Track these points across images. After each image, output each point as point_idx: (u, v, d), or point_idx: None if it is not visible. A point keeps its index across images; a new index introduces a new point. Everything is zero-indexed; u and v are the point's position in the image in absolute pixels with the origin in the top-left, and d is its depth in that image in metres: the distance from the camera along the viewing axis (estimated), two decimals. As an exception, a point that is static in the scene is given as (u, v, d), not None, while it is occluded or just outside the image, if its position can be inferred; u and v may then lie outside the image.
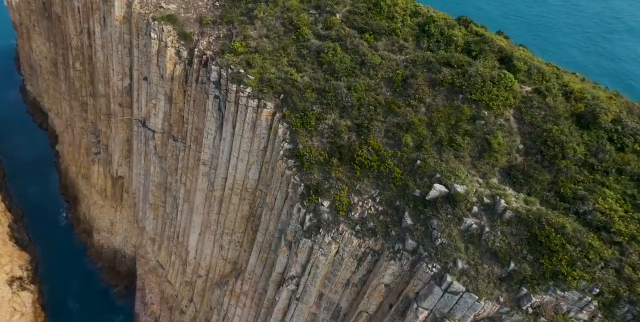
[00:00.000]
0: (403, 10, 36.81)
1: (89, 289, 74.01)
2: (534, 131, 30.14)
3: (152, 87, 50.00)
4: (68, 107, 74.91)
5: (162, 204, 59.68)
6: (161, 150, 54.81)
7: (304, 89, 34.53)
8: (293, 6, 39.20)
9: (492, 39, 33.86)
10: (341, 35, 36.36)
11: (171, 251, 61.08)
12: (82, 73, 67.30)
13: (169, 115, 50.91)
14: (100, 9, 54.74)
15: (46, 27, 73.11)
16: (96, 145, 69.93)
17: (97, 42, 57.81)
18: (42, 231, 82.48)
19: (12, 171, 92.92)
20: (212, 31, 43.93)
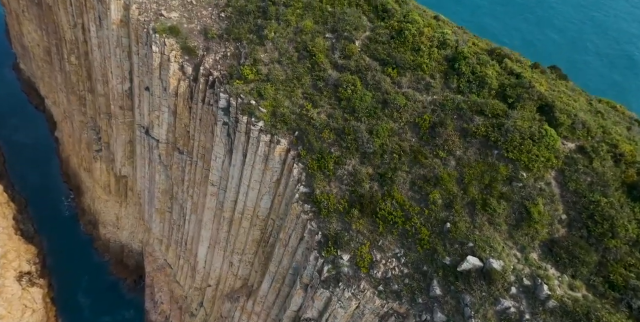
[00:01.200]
0: (429, 41, 33.64)
1: (98, 283, 74.41)
2: (579, 201, 27.91)
3: (155, 98, 47.43)
4: (65, 99, 72.08)
5: (169, 210, 58.55)
6: (166, 160, 52.97)
7: (320, 128, 32.32)
8: (307, 28, 36.01)
9: (530, 82, 30.98)
10: (361, 66, 33.53)
11: (179, 254, 60.64)
12: (79, 67, 64.04)
13: (174, 128, 48.67)
14: (95, 8, 51.03)
15: (37, 15, 68.89)
16: (97, 143, 67.82)
17: (93, 41, 54.48)
18: (47, 222, 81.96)
19: (12, 157, 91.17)
20: (219, 47, 40.84)
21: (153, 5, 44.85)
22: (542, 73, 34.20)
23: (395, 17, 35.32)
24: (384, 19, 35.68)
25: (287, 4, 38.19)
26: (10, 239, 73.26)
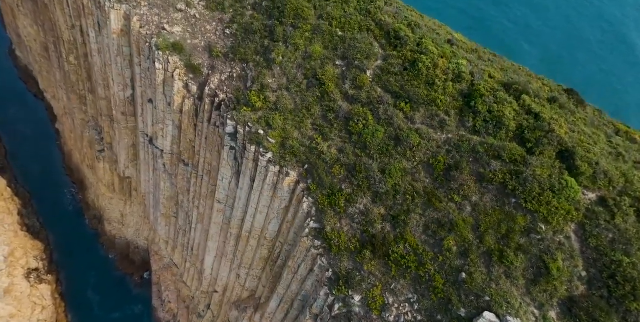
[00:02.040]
0: (444, 74, 32.49)
1: (106, 278, 75.39)
2: (600, 259, 27.49)
3: (159, 112, 46.55)
4: (65, 96, 70.86)
5: (174, 215, 58.58)
6: (171, 169, 52.54)
7: (331, 163, 31.77)
8: (316, 53, 34.78)
9: (549, 124, 30.00)
10: (372, 98, 32.58)
11: (185, 257, 61.12)
12: (78, 67, 62.61)
13: (178, 141, 47.99)
14: (93, 14, 49.30)
15: (32, 10, 66.70)
16: (99, 143, 67.12)
17: (93, 46, 52.97)
18: (51, 216, 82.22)
19: (14, 148, 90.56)
20: (224, 67, 39.66)
21: (155, 18, 43.29)
22: (562, 107, 33.09)
23: (408, 45, 34.02)
24: (396, 47, 34.36)
25: (295, 26, 36.81)
26: (17, 236, 73.73)
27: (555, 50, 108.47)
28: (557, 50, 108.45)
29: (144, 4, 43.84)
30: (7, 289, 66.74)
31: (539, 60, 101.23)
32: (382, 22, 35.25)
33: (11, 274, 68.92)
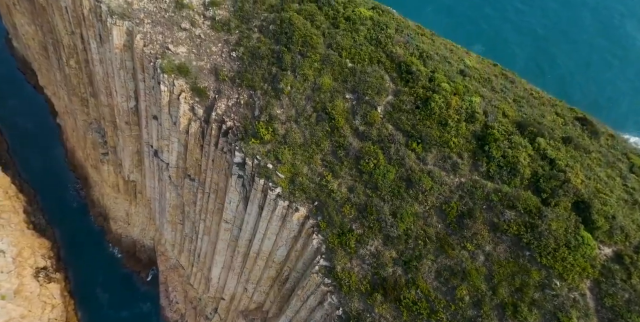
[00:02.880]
0: (457, 114, 31.89)
1: (114, 275, 76.57)
2: (616, 320, 27.44)
3: (164, 129, 46.08)
4: (66, 97, 69.89)
5: (180, 222, 58.92)
6: (176, 181, 52.44)
7: (341, 203, 31.72)
8: (325, 85, 34.08)
9: (565, 173, 29.58)
10: (383, 136, 32.15)
11: (192, 262, 61.84)
12: (79, 71, 61.49)
13: (184, 157, 47.67)
14: (94, 26, 48.01)
15: (29, 10, 64.87)
16: (103, 146, 66.73)
17: (94, 56, 51.93)
18: (57, 212, 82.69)
19: (15, 143, 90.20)
20: (231, 92, 38.95)
21: (159, 37, 42.22)
22: (576, 148, 32.53)
23: (420, 80, 33.28)
24: (407, 82, 33.61)
25: (303, 54, 35.90)
26: (24, 235, 74.37)
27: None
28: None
29: (147, 22, 42.67)
30: (17, 289, 67.82)
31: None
32: (393, 54, 34.35)
33: (20, 274, 69.89)
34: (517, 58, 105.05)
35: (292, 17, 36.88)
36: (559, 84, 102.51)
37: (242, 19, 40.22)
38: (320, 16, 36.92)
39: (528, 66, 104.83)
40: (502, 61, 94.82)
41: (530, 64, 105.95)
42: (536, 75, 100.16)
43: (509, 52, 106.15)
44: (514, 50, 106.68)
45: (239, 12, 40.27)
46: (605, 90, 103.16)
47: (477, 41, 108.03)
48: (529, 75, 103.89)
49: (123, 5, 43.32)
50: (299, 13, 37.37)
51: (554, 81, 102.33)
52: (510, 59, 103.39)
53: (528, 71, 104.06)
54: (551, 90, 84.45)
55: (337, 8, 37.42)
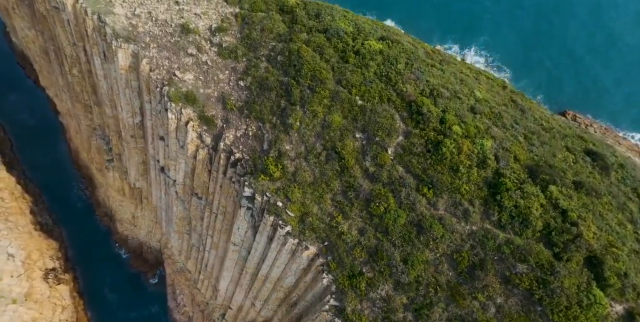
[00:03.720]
0: (468, 159, 31.79)
1: (121, 275, 77.82)
2: None
3: (171, 151, 46.08)
4: (69, 101, 69.39)
5: (187, 232, 59.54)
6: (183, 196, 52.73)
7: (352, 245, 32.10)
8: (335, 123, 33.91)
9: (578, 227, 29.64)
10: (394, 178, 32.20)
11: (199, 269, 62.80)
12: (82, 80, 60.88)
13: (191, 177, 47.76)
14: (98, 44, 47.30)
15: (29, 15, 63.60)
16: (108, 153, 66.67)
17: (98, 71, 51.34)
18: (63, 212, 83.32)
19: (19, 140, 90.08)
20: (239, 122, 38.79)
21: (165, 62, 41.70)
22: (588, 193, 32.49)
23: (431, 122, 33.05)
24: (418, 123, 33.41)
25: (312, 88, 35.56)
26: (32, 238, 75.28)
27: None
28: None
29: (153, 46, 42.05)
30: (28, 292, 69.19)
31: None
32: (403, 92, 34.04)
33: (30, 277, 71.13)
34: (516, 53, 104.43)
35: (301, 49, 36.34)
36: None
37: (249, 47, 39.63)
38: (329, 49, 36.38)
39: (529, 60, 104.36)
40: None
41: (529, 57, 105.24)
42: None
43: (511, 44, 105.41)
44: (515, 45, 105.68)
45: (246, 40, 39.65)
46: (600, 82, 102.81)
47: (483, 33, 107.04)
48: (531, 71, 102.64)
49: (128, 28, 42.61)
50: (307, 44, 36.80)
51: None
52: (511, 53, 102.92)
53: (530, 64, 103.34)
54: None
55: (346, 40, 36.84)
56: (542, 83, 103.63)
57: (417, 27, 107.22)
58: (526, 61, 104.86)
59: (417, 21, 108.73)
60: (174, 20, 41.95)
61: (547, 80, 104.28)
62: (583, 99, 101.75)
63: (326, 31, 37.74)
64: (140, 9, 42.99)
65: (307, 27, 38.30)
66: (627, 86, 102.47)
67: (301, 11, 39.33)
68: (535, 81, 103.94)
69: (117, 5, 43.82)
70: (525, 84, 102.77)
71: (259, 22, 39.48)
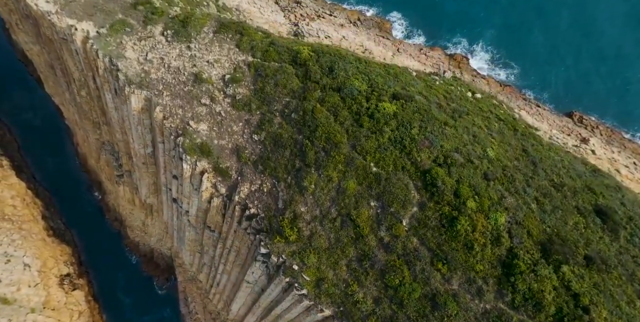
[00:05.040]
0: (483, 237, 32.65)
1: (133, 279, 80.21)
2: None
3: (185, 189, 46.82)
4: (77, 115, 69.38)
5: (199, 252, 61.11)
6: (196, 225, 53.89)
7: (366, 314, 33.49)
8: (350, 189, 34.62)
9: (589, 313, 30.57)
10: (408, 250, 33.23)
11: (211, 283, 64.87)
12: (91, 101, 60.78)
13: (205, 215, 48.68)
14: (109, 82, 47.16)
15: (34, 33, 62.55)
16: (118, 169, 67.34)
17: (109, 104, 51.40)
18: (73, 215, 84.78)
19: (26, 141, 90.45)
20: (254, 177, 39.41)
21: (179, 111, 41.85)
22: (599, 270, 33.04)
23: (445, 194, 33.73)
24: (433, 195, 34.06)
25: (327, 151, 36.01)
26: (46, 245, 77.26)
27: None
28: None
29: (166, 94, 42.07)
30: (45, 301, 71.84)
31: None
32: (417, 162, 34.52)
33: (46, 284, 73.60)
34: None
35: (315, 110, 36.52)
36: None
37: (263, 100, 39.71)
38: (343, 110, 36.53)
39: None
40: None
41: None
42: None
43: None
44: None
45: (260, 93, 39.67)
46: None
47: (492, 27, 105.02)
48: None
49: (141, 74, 42.46)
50: (321, 103, 36.92)
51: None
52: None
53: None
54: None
55: (360, 101, 36.91)
56: (549, 81, 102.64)
57: (424, 20, 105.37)
58: (534, 57, 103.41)
59: (423, 13, 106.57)
60: (187, 68, 41.74)
61: (555, 78, 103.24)
62: (590, 98, 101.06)
63: (340, 89, 37.74)
64: (152, 53, 42.65)
65: (321, 85, 38.25)
66: (636, 85, 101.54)
67: (314, 65, 39.11)
68: (542, 78, 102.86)
69: (128, 48, 43.43)
70: (533, 82, 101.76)
71: (273, 76, 39.35)
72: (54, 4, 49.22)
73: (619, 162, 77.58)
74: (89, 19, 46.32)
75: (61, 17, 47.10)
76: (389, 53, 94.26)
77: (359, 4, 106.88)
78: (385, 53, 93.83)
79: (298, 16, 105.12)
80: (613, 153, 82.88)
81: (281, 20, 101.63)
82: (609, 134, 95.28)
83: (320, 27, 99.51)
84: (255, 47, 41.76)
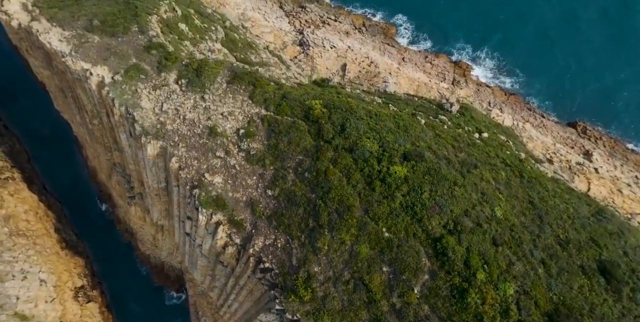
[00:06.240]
0: (492, 309, 34.23)
1: (145, 290, 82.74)
2: None
3: (199, 231, 48.28)
4: (87, 137, 70.30)
5: (211, 275, 63.05)
6: (209, 257, 55.61)
7: (383, 381, 35.34)
8: (362, 254, 36.11)
9: None
10: (420, 318, 34.89)
11: (223, 303, 67.16)
12: (103, 129, 61.66)
13: (219, 254, 50.27)
14: (124, 125, 48.11)
15: (46, 61, 62.88)
16: (129, 191, 68.70)
17: (124, 142, 52.34)
18: (85, 225, 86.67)
19: (34, 151, 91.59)
20: (268, 231, 40.83)
21: (194, 162, 42.97)
22: None
23: (456, 264, 35.19)
24: (444, 264, 35.52)
25: (340, 213, 37.32)
26: (59, 258, 79.44)
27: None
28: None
29: (182, 145, 43.10)
30: (62, 315, 74.46)
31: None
32: (428, 229, 35.87)
33: (62, 299, 76.09)
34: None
35: (328, 172, 37.67)
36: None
37: (276, 157, 40.78)
38: (356, 173, 37.66)
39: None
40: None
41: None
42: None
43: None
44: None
45: (273, 150, 40.71)
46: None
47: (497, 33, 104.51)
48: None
49: (157, 125, 43.38)
50: (334, 164, 38.03)
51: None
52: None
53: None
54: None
55: (372, 163, 37.98)
56: (554, 89, 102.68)
57: (429, 23, 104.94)
58: (539, 65, 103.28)
59: (429, 17, 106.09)
60: (202, 120, 42.64)
61: (560, 86, 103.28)
62: (594, 108, 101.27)
63: (352, 150, 38.76)
64: (167, 104, 43.48)
65: (333, 145, 39.25)
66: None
67: (326, 123, 39.99)
68: (547, 87, 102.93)
69: (143, 97, 44.21)
70: (537, 90, 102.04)
71: (286, 133, 40.31)
72: (67, 43, 49.76)
73: (621, 181, 78.90)
74: (103, 63, 46.95)
75: (76, 60, 47.70)
76: (394, 65, 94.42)
77: (363, 7, 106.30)
78: (391, 65, 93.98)
79: (303, 22, 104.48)
80: (615, 169, 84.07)
81: (286, 27, 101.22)
82: (612, 146, 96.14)
83: (325, 36, 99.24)
84: (268, 99, 42.55)
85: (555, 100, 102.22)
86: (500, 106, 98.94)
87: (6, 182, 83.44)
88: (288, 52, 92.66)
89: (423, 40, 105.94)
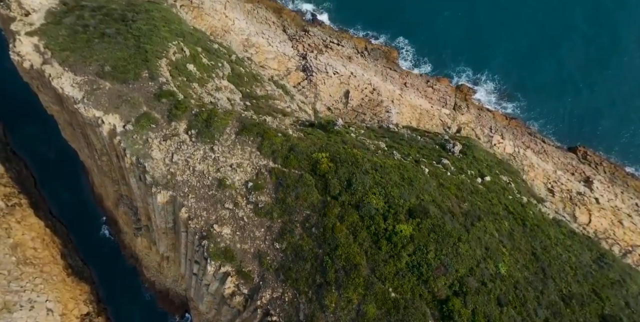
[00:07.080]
0: None
1: (149, 315, 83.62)
2: None
3: (207, 276, 49.16)
4: (95, 169, 71.32)
5: (216, 309, 63.94)
6: (215, 295, 56.50)
7: None
8: (369, 314, 37.06)
9: None
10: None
11: (227, 335, 68.00)
12: (111, 165, 62.69)
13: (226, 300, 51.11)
14: (134, 170, 49.09)
15: (56, 99, 63.91)
16: (136, 223, 69.67)
17: (133, 185, 53.29)
18: (90, 250, 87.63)
19: (41, 175, 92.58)
20: (275, 284, 41.75)
21: (203, 213, 43.92)
22: None
23: None
24: None
25: (347, 271, 38.24)
26: (65, 285, 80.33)
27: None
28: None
29: (192, 196, 44.06)
30: (68, 343, 75.26)
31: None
32: (434, 291, 36.82)
33: (68, 326, 76.90)
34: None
35: (336, 229, 38.63)
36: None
37: (284, 210, 41.72)
38: (363, 231, 38.62)
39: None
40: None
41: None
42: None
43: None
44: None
45: (281, 203, 41.66)
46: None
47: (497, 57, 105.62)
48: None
49: (167, 176, 44.35)
50: (341, 221, 38.99)
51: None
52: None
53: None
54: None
55: (378, 221, 38.95)
56: (555, 113, 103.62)
57: (429, 47, 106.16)
58: (540, 89, 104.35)
59: (429, 41, 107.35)
60: (211, 172, 43.62)
61: (561, 111, 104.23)
62: (595, 132, 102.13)
63: (358, 207, 39.73)
64: (178, 155, 44.46)
65: (340, 201, 40.25)
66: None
67: (333, 178, 40.98)
68: (548, 111, 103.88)
69: (154, 147, 45.18)
70: (538, 114, 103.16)
71: (294, 187, 41.29)
72: (80, 89, 50.80)
73: (622, 211, 79.81)
74: (115, 112, 47.95)
75: (88, 108, 48.72)
76: (396, 91, 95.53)
77: (365, 30, 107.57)
78: (393, 92, 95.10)
79: (306, 46, 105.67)
80: (616, 197, 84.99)
81: (289, 52, 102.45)
82: (612, 171, 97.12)
83: (328, 61, 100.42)
84: (276, 151, 43.54)
85: (556, 125, 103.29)
86: (502, 132, 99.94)
87: (13, 208, 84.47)
88: (292, 79, 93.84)
89: (424, 63, 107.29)
